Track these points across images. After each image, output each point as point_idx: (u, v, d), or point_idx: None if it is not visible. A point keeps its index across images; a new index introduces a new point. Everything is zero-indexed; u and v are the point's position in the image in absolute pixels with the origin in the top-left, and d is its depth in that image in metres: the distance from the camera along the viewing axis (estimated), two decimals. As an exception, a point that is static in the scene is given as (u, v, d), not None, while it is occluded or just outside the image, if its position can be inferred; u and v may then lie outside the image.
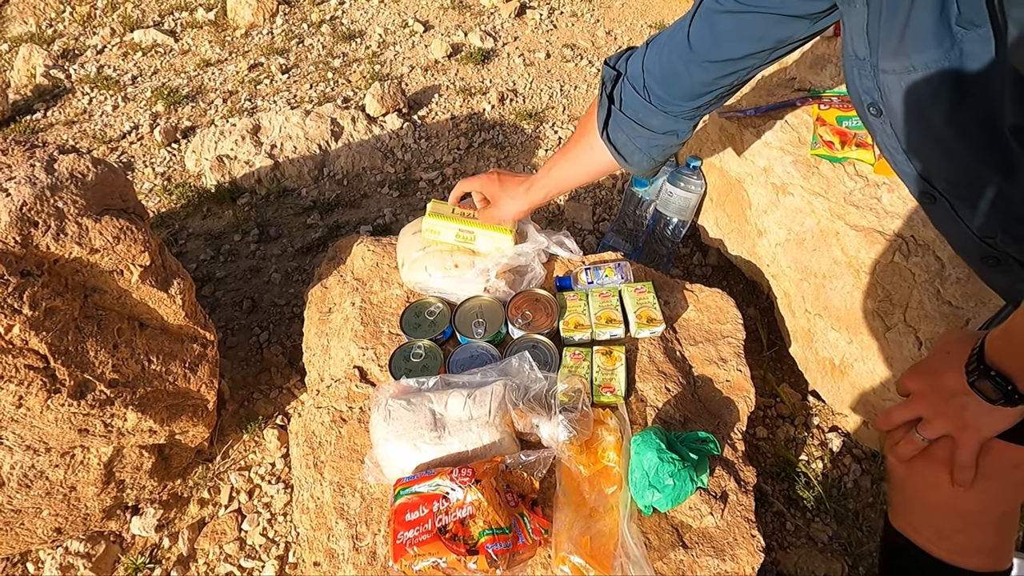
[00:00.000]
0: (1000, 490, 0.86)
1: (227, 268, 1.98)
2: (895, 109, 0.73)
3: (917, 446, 0.85)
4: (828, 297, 1.42)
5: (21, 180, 1.07)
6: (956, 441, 0.81)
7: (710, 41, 0.98)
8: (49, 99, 2.86)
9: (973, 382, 0.76)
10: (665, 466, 1.04)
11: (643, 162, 1.18)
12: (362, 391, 1.29)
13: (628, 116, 1.13)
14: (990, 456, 0.81)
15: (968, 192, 0.74)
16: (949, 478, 0.84)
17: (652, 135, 1.13)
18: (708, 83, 1.03)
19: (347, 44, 3.03)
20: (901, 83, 0.69)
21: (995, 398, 0.75)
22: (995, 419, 0.77)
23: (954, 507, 0.88)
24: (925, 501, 0.92)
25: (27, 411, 1.13)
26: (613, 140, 1.16)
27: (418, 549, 0.97)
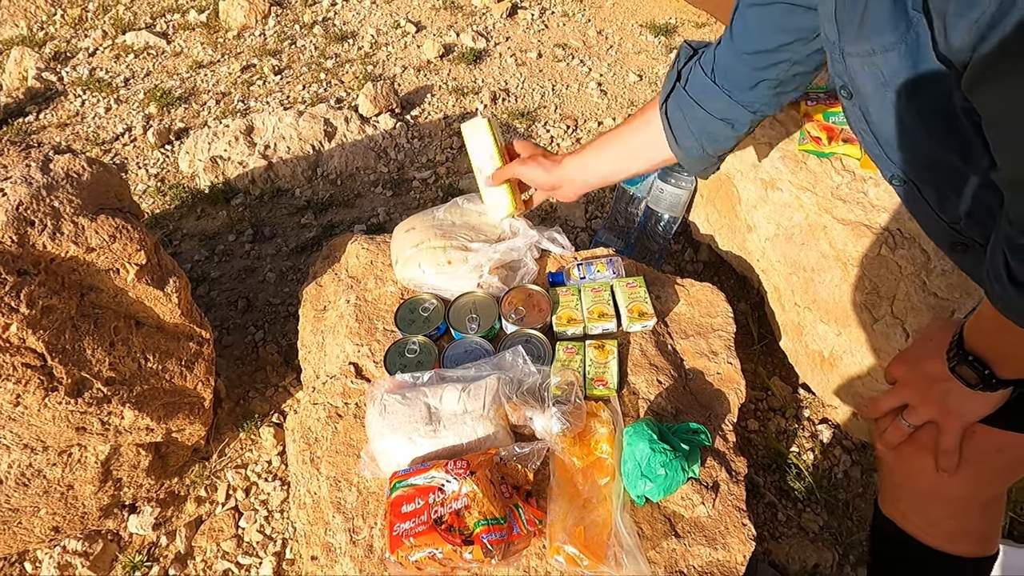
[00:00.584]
0: (985, 475, 0.87)
1: (222, 268, 1.99)
2: (861, 91, 0.75)
3: (903, 432, 0.87)
4: (817, 290, 1.44)
5: (17, 180, 1.08)
6: (940, 427, 0.83)
7: (744, 34, 1.01)
8: (41, 101, 2.86)
9: (953, 367, 0.78)
10: (657, 456, 1.06)
11: (693, 148, 1.16)
12: (357, 387, 1.30)
13: (690, 95, 1.11)
14: (974, 441, 0.83)
15: (932, 177, 0.76)
16: (935, 464, 0.85)
17: (708, 118, 1.11)
18: (753, 74, 1.05)
19: (339, 45, 3.04)
20: (864, 66, 0.71)
21: (974, 383, 0.76)
22: (977, 404, 0.79)
23: (941, 493, 0.90)
24: (913, 487, 0.94)
25: (24, 409, 1.14)
26: (670, 116, 1.15)
27: (414, 540, 0.99)
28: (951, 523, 0.93)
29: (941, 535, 0.94)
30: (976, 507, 0.92)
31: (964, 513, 0.92)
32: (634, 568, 1.03)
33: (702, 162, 1.21)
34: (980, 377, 0.75)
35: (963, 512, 0.92)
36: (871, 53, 0.69)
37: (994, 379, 0.74)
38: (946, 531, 0.94)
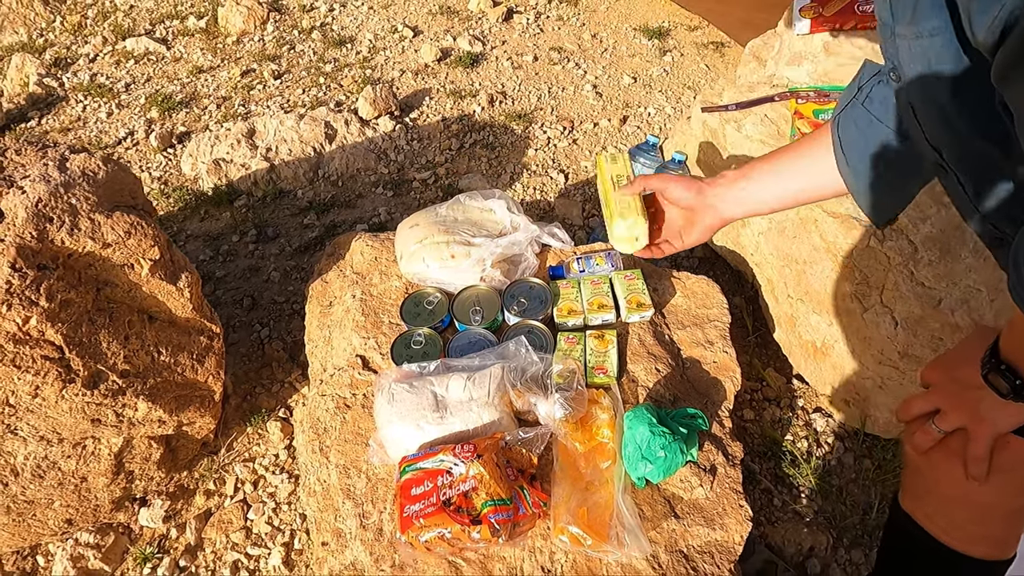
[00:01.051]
0: (1015, 484, 0.87)
1: (226, 268, 2.02)
2: (908, 76, 0.73)
3: (933, 437, 0.86)
4: (809, 282, 1.49)
5: (36, 178, 1.12)
6: (970, 434, 0.83)
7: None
8: (43, 107, 2.89)
9: (986, 375, 0.77)
10: (656, 439, 1.10)
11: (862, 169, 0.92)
12: (365, 378, 1.34)
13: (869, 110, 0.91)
14: (1006, 451, 0.83)
15: (971, 166, 0.73)
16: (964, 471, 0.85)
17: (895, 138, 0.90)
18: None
19: (338, 50, 3.09)
20: (912, 48, 0.69)
21: (1005, 392, 0.75)
22: (1009, 414, 0.79)
23: (968, 499, 0.90)
24: (940, 492, 0.93)
25: (43, 401, 1.17)
26: (842, 133, 0.93)
27: (424, 521, 1.02)
28: (975, 528, 0.93)
29: (963, 537, 0.94)
30: (1001, 514, 0.92)
31: (989, 519, 0.92)
32: (636, 546, 1.07)
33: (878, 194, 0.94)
34: (1012, 387, 0.74)
35: (988, 518, 0.92)
36: (919, 36, 0.68)
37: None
38: (969, 535, 0.94)
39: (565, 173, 2.37)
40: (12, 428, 1.21)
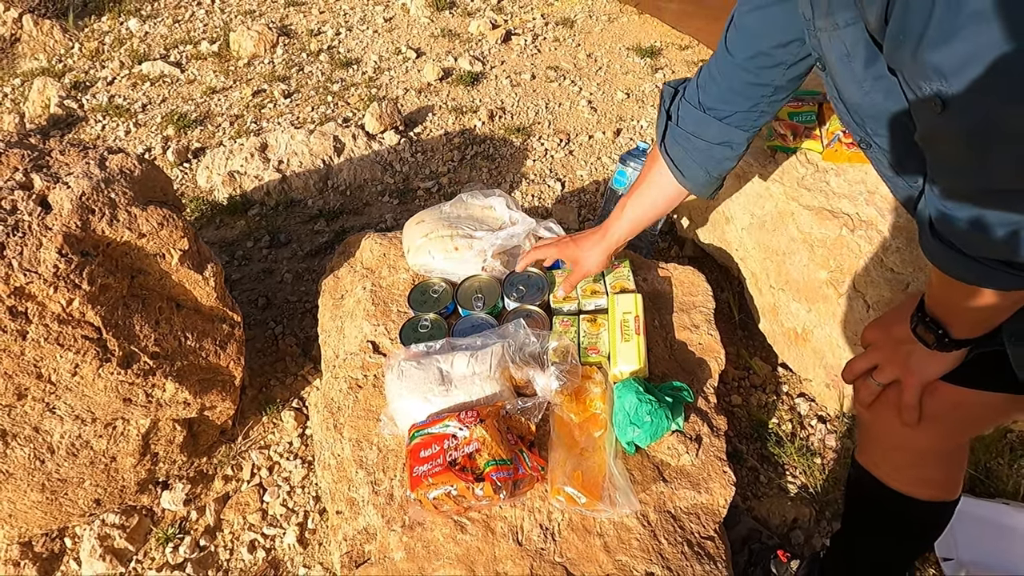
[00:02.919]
0: (946, 428, 0.96)
1: (242, 271, 2.14)
2: (830, 62, 0.86)
3: (873, 391, 0.97)
4: (788, 272, 1.59)
5: (79, 175, 1.24)
6: (902, 384, 0.93)
7: (741, 41, 1.06)
8: (64, 127, 3.04)
9: (915, 329, 0.88)
10: (643, 405, 1.20)
11: (699, 176, 1.24)
12: (375, 361, 1.44)
13: (684, 130, 1.19)
14: (935, 397, 0.92)
15: (891, 137, 0.85)
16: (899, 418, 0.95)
17: (707, 146, 1.18)
18: (749, 84, 1.10)
19: (344, 70, 3.24)
20: (831, 39, 0.82)
21: (932, 343, 0.86)
22: (935, 363, 0.89)
23: (907, 444, 1.00)
24: (883, 440, 1.04)
25: (81, 379, 1.27)
26: (671, 154, 1.22)
27: (432, 480, 1.12)
28: (915, 471, 1.03)
29: (906, 481, 1.04)
30: (938, 457, 1.02)
31: (927, 462, 1.02)
32: (626, 504, 1.16)
33: (709, 186, 1.28)
34: (937, 338, 0.85)
35: (926, 461, 1.02)
36: (836, 27, 0.80)
37: (948, 339, 0.85)
38: (910, 477, 1.03)
39: (562, 182, 2.49)
40: (51, 407, 1.31)
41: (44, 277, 1.14)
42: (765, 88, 1.11)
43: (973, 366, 0.89)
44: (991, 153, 0.61)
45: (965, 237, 0.70)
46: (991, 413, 0.97)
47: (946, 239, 0.73)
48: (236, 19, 3.75)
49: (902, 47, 0.63)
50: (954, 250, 0.72)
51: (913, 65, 0.62)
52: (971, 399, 0.92)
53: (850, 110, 0.89)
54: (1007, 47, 0.54)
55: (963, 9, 0.55)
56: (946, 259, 0.74)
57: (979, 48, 0.56)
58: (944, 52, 0.58)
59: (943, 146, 0.67)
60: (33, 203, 1.18)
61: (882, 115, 0.83)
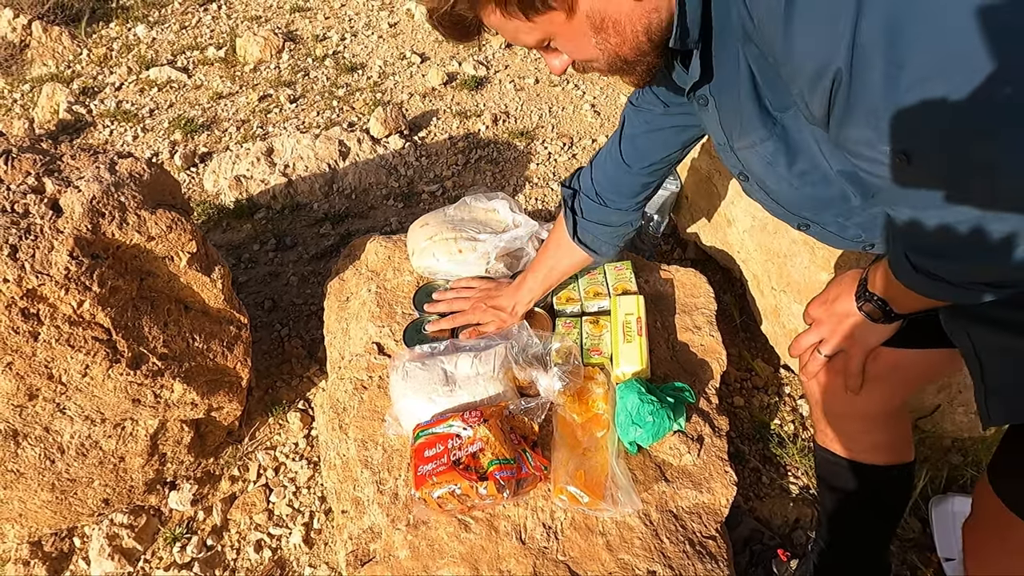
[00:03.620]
0: (887, 390, 1.06)
1: (248, 274, 2.16)
2: (755, 173, 0.98)
3: (820, 363, 1.04)
4: (790, 274, 1.60)
5: (90, 178, 1.26)
6: (847, 354, 1.01)
7: (636, 155, 1.24)
8: (72, 132, 3.07)
9: (861, 306, 0.96)
10: (645, 406, 1.21)
11: (609, 251, 1.41)
12: (380, 362, 1.46)
13: (591, 220, 1.36)
14: (877, 361, 1.01)
15: (827, 214, 0.98)
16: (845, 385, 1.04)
17: (613, 229, 1.36)
18: (644, 183, 1.29)
19: (350, 75, 3.26)
20: (751, 155, 0.95)
21: (877, 318, 0.95)
22: (878, 332, 0.97)
23: (854, 411, 1.10)
24: (832, 410, 1.13)
25: (91, 380, 1.29)
26: (583, 240, 1.38)
27: (436, 479, 1.14)
28: (867, 437, 1.13)
29: (861, 449, 1.13)
30: (884, 420, 1.11)
31: (875, 427, 1.12)
32: (629, 504, 1.17)
33: (617, 254, 1.48)
34: (883, 312, 0.93)
35: (874, 426, 1.11)
36: (753, 145, 0.93)
37: (892, 313, 0.93)
38: (864, 444, 1.13)
39: (565, 185, 2.51)
40: (61, 407, 1.33)
41: (55, 279, 1.16)
42: (654, 181, 1.31)
43: (907, 327, 0.97)
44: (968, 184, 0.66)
45: (947, 270, 0.75)
46: (927, 369, 1.07)
47: (930, 275, 0.77)
48: (242, 25, 3.78)
49: (849, 124, 0.69)
50: (939, 281, 0.77)
51: (870, 134, 0.68)
52: (909, 358, 1.02)
53: (784, 205, 1.02)
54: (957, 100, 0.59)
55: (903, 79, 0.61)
56: (928, 289, 0.80)
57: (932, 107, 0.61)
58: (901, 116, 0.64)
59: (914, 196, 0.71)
60: (45, 206, 1.21)
61: (814, 202, 0.96)
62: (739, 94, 0.87)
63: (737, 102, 0.88)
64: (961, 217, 0.69)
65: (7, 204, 1.19)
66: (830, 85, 0.67)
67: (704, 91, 0.93)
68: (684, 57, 0.90)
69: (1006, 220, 0.66)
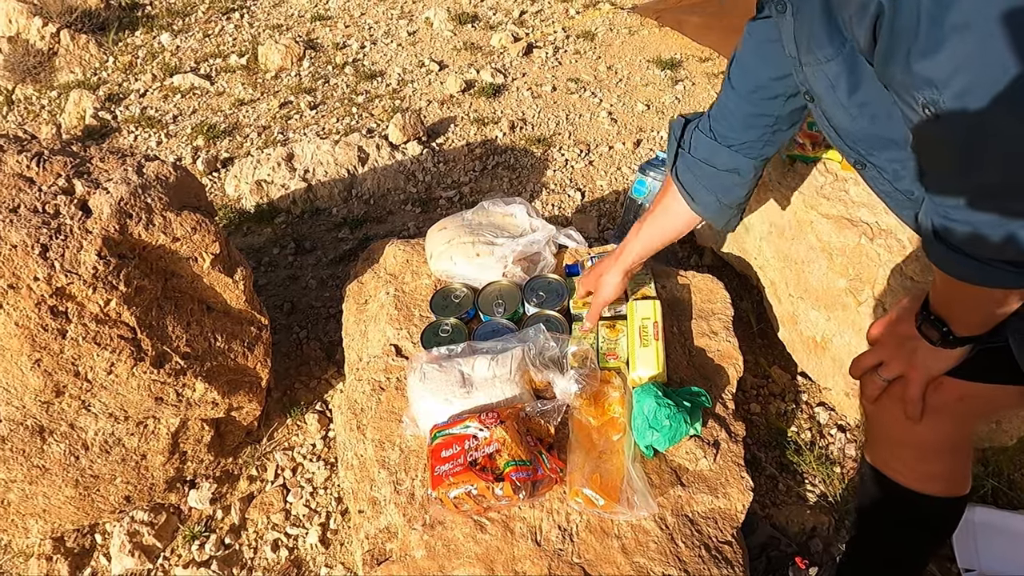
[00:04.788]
0: (950, 421, 1.00)
1: (268, 277, 2.19)
2: (818, 93, 0.94)
3: (879, 386, 1.00)
4: (807, 280, 1.60)
5: (118, 181, 1.29)
6: (906, 379, 0.96)
7: (742, 76, 1.15)
8: (98, 137, 3.13)
9: (919, 327, 0.92)
10: (662, 409, 1.22)
11: (710, 202, 1.29)
12: (398, 364, 1.47)
13: (695, 156, 1.26)
14: (940, 391, 0.96)
15: (883, 157, 0.93)
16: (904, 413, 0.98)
17: (716, 172, 1.24)
18: (752, 115, 1.18)
19: (369, 83, 3.30)
20: (816, 73, 0.90)
21: (936, 340, 0.90)
22: (940, 359, 0.93)
23: (913, 439, 1.03)
24: (890, 436, 1.07)
25: (115, 377, 1.32)
26: (682, 180, 1.28)
27: (453, 479, 1.14)
28: (923, 466, 1.05)
29: (915, 477, 1.06)
30: (945, 451, 1.04)
31: (934, 457, 1.04)
32: (645, 507, 1.18)
33: (723, 215, 1.32)
34: (941, 335, 0.89)
35: (933, 456, 1.04)
36: (819, 62, 0.88)
37: (951, 336, 0.88)
38: (919, 473, 1.06)
39: (581, 191, 2.52)
40: (87, 404, 1.36)
41: (84, 278, 1.19)
42: (767, 119, 1.18)
43: (978, 360, 0.92)
44: (984, 153, 0.65)
45: (968, 240, 0.73)
46: (995, 405, 1.02)
47: (950, 243, 0.76)
48: (264, 33, 3.85)
49: (891, 62, 0.68)
50: (959, 253, 0.75)
51: (905, 78, 0.67)
52: (975, 391, 0.96)
53: (841, 136, 0.97)
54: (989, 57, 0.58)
55: (945, 22, 0.59)
56: (951, 263, 0.77)
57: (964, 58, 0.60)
58: (932, 63, 0.63)
59: (938, 152, 0.71)
60: (74, 207, 1.24)
61: (871, 138, 0.91)
62: (815, 3, 0.84)
63: (812, 12, 0.85)
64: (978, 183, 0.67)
65: (39, 204, 1.23)
66: (874, 20, 0.65)
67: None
68: None
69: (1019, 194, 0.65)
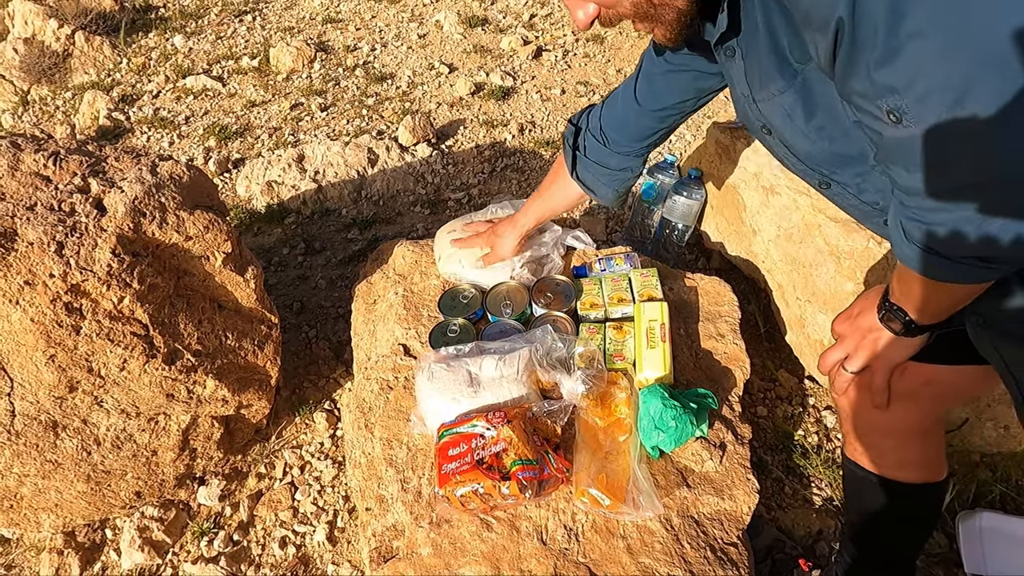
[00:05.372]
0: (918, 406, 1.03)
1: (278, 276, 2.21)
2: (776, 125, 0.98)
3: (847, 379, 1.03)
4: (815, 283, 1.60)
5: (132, 180, 1.31)
6: (872, 369, 1.00)
7: (651, 96, 1.24)
8: (111, 138, 3.17)
9: (882, 318, 0.95)
10: (668, 411, 1.22)
11: (608, 193, 1.43)
12: (406, 363, 1.48)
13: (591, 159, 1.38)
14: (905, 376, 0.99)
15: (845, 173, 0.97)
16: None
17: (611, 172, 1.38)
18: (652, 127, 1.30)
19: (379, 85, 3.33)
20: (771, 107, 0.95)
21: (898, 330, 0.93)
22: (902, 347, 0.96)
23: (883, 426, 1.07)
24: (862, 426, 1.11)
25: (128, 374, 1.34)
26: (582, 179, 1.42)
27: (460, 477, 1.15)
28: (896, 454, 1.09)
29: (890, 465, 1.10)
30: (915, 436, 1.08)
31: (906, 443, 1.08)
32: (650, 508, 1.18)
33: (618, 199, 1.47)
34: (903, 325, 0.92)
35: (905, 443, 1.08)
36: (772, 96, 0.93)
37: (913, 325, 0.91)
38: (893, 461, 1.10)
39: (590, 194, 2.53)
40: (99, 400, 1.38)
41: (98, 275, 1.21)
42: (665, 130, 1.32)
43: (939, 344, 0.95)
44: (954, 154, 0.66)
45: (943, 240, 0.75)
46: (960, 387, 1.04)
47: (925, 245, 0.77)
48: (276, 36, 3.88)
49: (852, 74, 0.70)
50: (932, 254, 0.77)
51: (867, 87, 0.69)
52: (941, 375, 0.99)
53: (803, 160, 1.01)
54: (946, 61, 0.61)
55: (900, 31, 0.61)
56: (924, 263, 0.79)
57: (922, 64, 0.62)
58: (892, 70, 0.65)
59: (909, 156, 0.71)
60: (90, 206, 1.26)
61: (832, 157, 0.95)
62: (761, 44, 0.88)
63: (759, 52, 0.89)
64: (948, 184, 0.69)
65: (55, 203, 1.24)
66: (834, 35, 0.68)
67: (732, 43, 0.93)
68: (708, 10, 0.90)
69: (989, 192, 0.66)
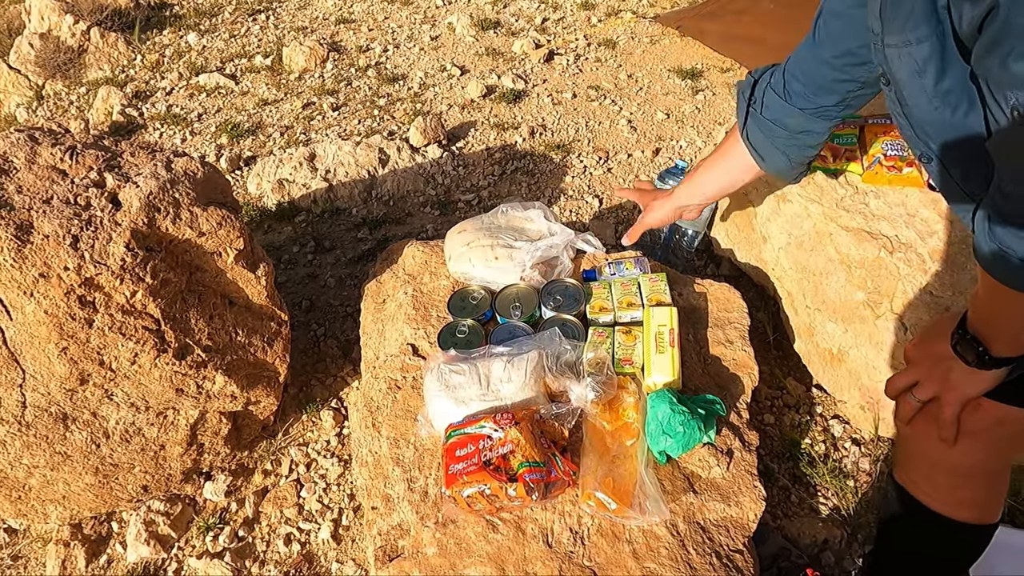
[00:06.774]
0: (988, 446, 0.96)
1: (287, 274, 2.22)
2: (898, 78, 0.87)
3: (913, 407, 0.97)
4: (825, 292, 1.60)
5: (147, 175, 1.32)
6: (941, 400, 0.93)
7: (828, 38, 1.08)
8: (124, 134, 3.19)
9: (955, 346, 0.89)
10: (676, 416, 1.22)
11: (779, 160, 1.28)
12: (414, 363, 1.49)
13: (766, 117, 1.22)
14: (977, 414, 0.92)
15: (957, 153, 0.85)
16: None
17: (788, 135, 1.22)
18: (836, 80, 1.12)
19: (391, 86, 3.34)
20: (900, 55, 0.82)
21: (972, 361, 0.87)
22: (976, 380, 0.89)
23: (947, 463, 0.99)
24: (923, 458, 1.03)
25: (138, 368, 1.35)
26: (751, 139, 1.27)
27: (466, 478, 1.15)
28: (955, 491, 1.01)
29: (945, 501, 1.02)
30: (979, 477, 1.00)
31: (968, 483, 1.00)
32: (657, 513, 1.18)
33: (791, 171, 1.33)
34: (977, 355, 0.86)
35: (967, 482, 1.00)
36: (908, 44, 0.80)
37: (988, 356, 0.86)
38: (950, 498, 1.02)
39: (599, 198, 2.53)
40: (109, 393, 1.39)
41: (112, 269, 1.21)
42: (852, 84, 1.12)
43: (1019, 384, 0.89)
44: None
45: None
46: None
47: (1006, 246, 0.73)
48: (289, 35, 3.90)
49: (992, 55, 0.66)
50: (1013, 259, 0.73)
51: (1000, 74, 0.65)
52: (1014, 416, 0.91)
53: (915, 125, 0.89)
54: None
55: None
56: (1004, 267, 0.75)
57: None
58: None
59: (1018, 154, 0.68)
60: (105, 200, 1.27)
61: (948, 130, 0.83)
62: None
63: None
64: None
65: (71, 196, 1.26)
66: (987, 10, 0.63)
67: None
68: None
69: None
